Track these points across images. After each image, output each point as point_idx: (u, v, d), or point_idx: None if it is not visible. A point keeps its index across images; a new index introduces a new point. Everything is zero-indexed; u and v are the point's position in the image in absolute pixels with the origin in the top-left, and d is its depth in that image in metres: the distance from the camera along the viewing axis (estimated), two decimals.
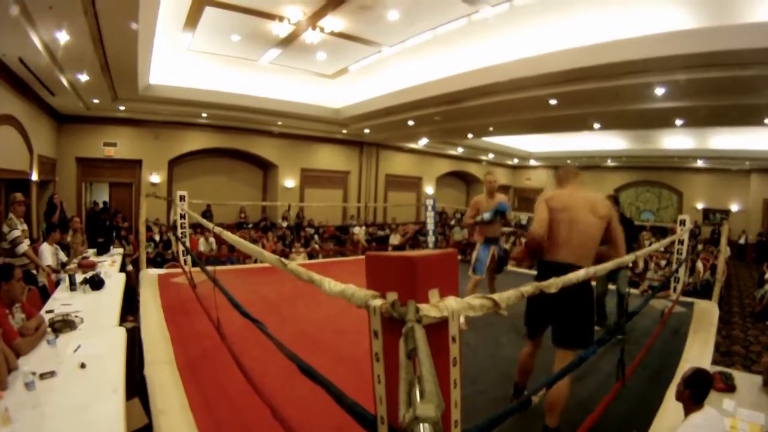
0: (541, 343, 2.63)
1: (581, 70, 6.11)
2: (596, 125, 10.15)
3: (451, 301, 0.93)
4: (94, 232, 8.45)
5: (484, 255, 4.42)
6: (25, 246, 4.44)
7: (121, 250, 6.86)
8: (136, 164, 11.33)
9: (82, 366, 2.43)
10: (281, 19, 6.84)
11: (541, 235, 2.44)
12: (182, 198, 5.95)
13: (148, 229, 7.91)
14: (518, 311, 4.66)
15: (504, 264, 4.74)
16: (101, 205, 11.53)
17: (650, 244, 10.18)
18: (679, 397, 2.10)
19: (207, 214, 11.13)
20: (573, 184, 2.56)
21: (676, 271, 5.23)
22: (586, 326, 2.39)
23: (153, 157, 11.40)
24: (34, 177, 8.14)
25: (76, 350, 2.66)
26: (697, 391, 2.03)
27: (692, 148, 13.84)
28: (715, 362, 3.81)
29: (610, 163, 17.70)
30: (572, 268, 1.89)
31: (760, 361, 5.18)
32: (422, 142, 15.49)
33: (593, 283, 3.94)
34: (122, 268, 5.89)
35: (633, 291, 4.74)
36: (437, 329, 0.91)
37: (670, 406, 2.53)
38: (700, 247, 10.64)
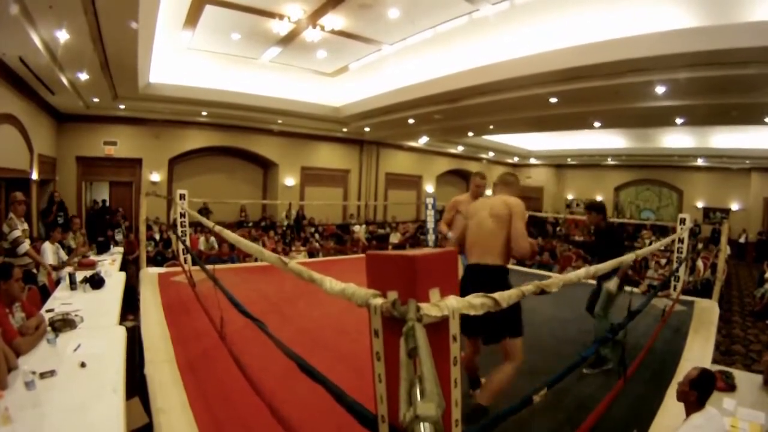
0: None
1: (581, 69, 6.10)
2: (596, 124, 10.16)
3: (452, 300, 0.93)
4: (93, 231, 8.45)
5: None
6: (26, 246, 4.41)
7: (121, 249, 6.86)
8: (136, 163, 11.32)
9: (82, 365, 2.43)
10: (281, 17, 6.83)
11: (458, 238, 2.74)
12: (182, 197, 5.95)
13: (149, 227, 7.90)
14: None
15: None
16: (101, 204, 11.53)
17: (650, 243, 10.19)
18: (684, 397, 2.08)
19: (203, 212, 11.11)
20: (501, 192, 2.66)
21: (677, 270, 5.23)
22: (513, 315, 2.39)
23: (153, 155, 11.39)
24: (35, 176, 8.13)
25: (76, 349, 2.66)
26: (704, 392, 2.02)
27: (692, 147, 13.84)
28: (715, 361, 3.81)
29: (610, 161, 17.70)
30: (484, 267, 2.43)
31: (760, 360, 5.19)
32: (422, 141, 15.48)
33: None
34: (122, 267, 5.89)
35: (634, 290, 4.71)
36: (438, 328, 0.91)
37: (671, 405, 2.53)
38: (700, 245, 10.64)
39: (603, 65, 5.86)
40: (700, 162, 15.52)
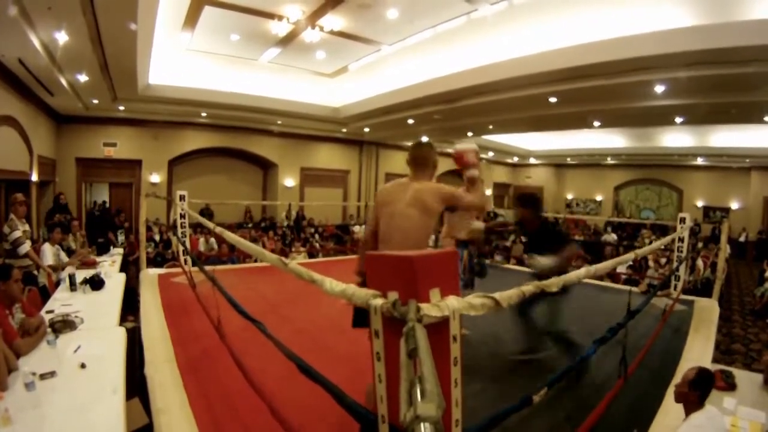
0: None
1: (581, 68, 6.10)
2: (596, 123, 10.15)
3: (452, 301, 0.93)
4: (93, 232, 8.44)
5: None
6: (27, 247, 4.43)
7: (121, 251, 6.86)
8: (135, 164, 11.32)
9: (83, 366, 2.43)
10: (280, 18, 6.83)
11: (366, 240, 2.32)
12: (182, 198, 5.95)
13: (148, 229, 7.90)
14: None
15: (481, 272, 3.73)
16: (102, 205, 11.53)
17: (650, 242, 10.19)
18: (683, 398, 2.07)
19: (205, 213, 11.11)
20: (415, 171, 2.29)
21: (677, 269, 5.23)
22: None
23: (153, 157, 11.40)
24: (34, 177, 8.13)
25: (76, 350, 2.66)
26: (704, 391, 2.02)
27: (692, 146, 13.83)
28: (715, 360, 3.81)
29: (610, 161, 17.70)
30: None
31: (760, 359, 5.19)
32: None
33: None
34: (122, 268, 5.89)
35: (633, 289, 4.70)
36: (438, 329, 0.91)
37: (671, 404, 2.52)
38: (700, 245, 10.63)
39: (602, 64, 5.85)
40: (699, 161, 15.51)
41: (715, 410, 2.08)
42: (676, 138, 13.68)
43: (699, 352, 3.63)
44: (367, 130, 12.67)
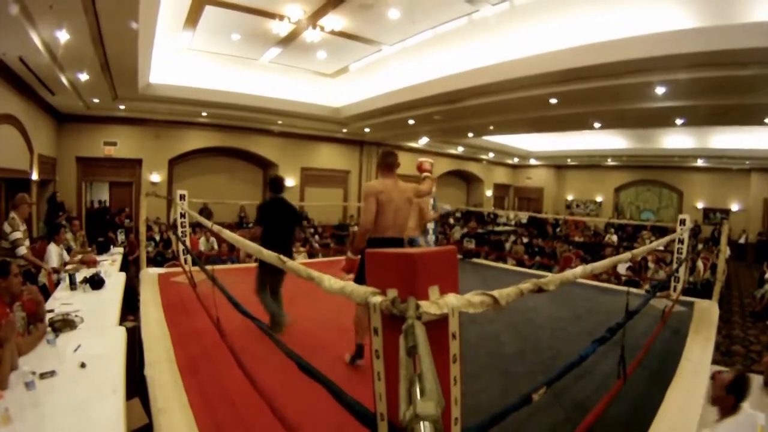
0: None
1: (582, 70, 6.10)
2: (596, 124, 10.16)
3: (451, 298, 0.93)
4: (93, 231, 8.44)
5: None
6: (23, 249, 4.36)
7: (121, 250, 6.86)
8: (136, 163, 11.33)
9: (83, 365, 2.43)
10: (281, 17, 6.84)
11: (368, 227, 2.94)
12: (182, 197, 5.95)
13: (149, 228, 7.90)
14: (521, 307, 4.70)
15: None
16: (101, 205, 11.54)
17: (651, 243, 10.18)
18: (721, 402, 2.03)
19: (204, 212, 11.11)
20: (389, 173, 3.09)
21: (677, 270, 5.22)
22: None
23: (153, 156, 11.40)
24: (35, 176, 8.13)
25: (76, 350, 2.65)
26: (739, 395, 1.99)
27: (692, 148, 13.85)
28: (715, 362, 3.81)
29: (610, 162, 17.71)
30: (398, 240, 3.05)
31: (760, 360, 5.18)
32: (422, 141, 15.49)
33: None
34: (123, 268, 5.88)
35: (632, 290, 4.68)
36: (437, 326, 0.91)
37: (670, 406, 2.53)
38: (700, 246, 10.63)
39: (603, 66, 5.86)
40: (700, 163, 15.52)
41: (749, 415, 2.04)
42: (676, 139, 13.69)
43: (699, 353, 3.62)
44: (367, 130, 12.67)
